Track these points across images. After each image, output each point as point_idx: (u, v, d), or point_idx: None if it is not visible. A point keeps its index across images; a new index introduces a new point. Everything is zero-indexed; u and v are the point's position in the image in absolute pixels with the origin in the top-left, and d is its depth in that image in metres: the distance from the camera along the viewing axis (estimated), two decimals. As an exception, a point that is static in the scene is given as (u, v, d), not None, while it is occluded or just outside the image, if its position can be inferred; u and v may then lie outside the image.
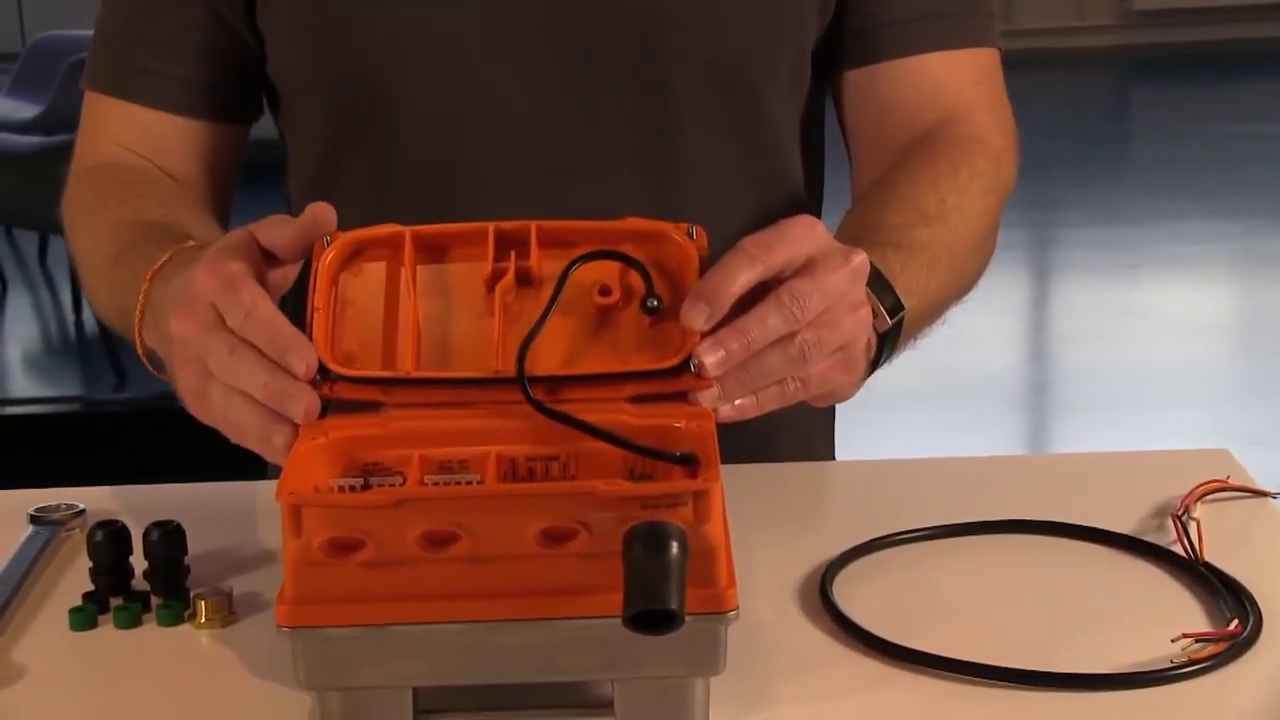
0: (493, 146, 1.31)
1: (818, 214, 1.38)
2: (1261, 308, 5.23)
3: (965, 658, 0.99)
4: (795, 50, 1.34)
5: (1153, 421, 4.21)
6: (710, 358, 0.98)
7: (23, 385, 5.12)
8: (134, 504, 1.23)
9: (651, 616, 0.85)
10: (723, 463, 0.93)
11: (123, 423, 3.88)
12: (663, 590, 0.86)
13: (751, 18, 1.31)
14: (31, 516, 1.22)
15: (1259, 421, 4.24)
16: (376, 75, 1.31)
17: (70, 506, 1.23)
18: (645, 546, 0.87)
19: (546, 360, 1.00)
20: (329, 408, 0.99)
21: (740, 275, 0.99)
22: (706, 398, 0.99)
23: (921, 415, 4.05)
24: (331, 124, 1.35)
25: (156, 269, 1.15)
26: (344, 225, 1.04)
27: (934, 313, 1.23)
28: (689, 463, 0.95)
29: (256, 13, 1.33)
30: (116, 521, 1.11)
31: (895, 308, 1.13)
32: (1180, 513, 1.15)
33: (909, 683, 0.99)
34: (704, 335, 0.98)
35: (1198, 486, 1.18)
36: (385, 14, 1.29)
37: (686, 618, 0.86)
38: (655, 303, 1.01)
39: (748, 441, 1.15)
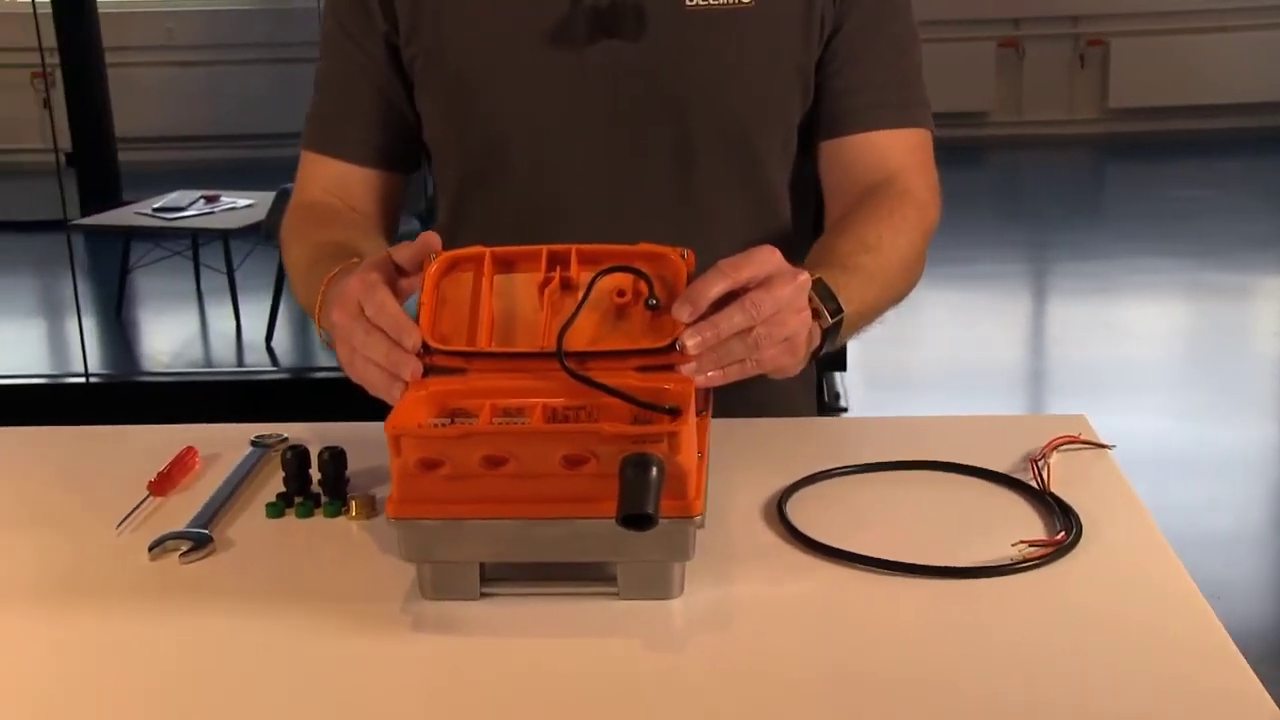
0: (569, 193, 1.32)
1: (808, 245, 1.39)
2: (1199, 319, 5.13)
3: (879, 556, 1.00)
4: (785, 128, 1.34)
5: (1116, 399, 4.14)
6: (691, 341, 0.99)
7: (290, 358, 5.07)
8: (315, 434, 1.26)
9: (635, 519, 0.87)
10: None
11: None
12: (643, 500, 0.87)
13: (755, 106, 1.32)
14: (252, 441, 1.26)
15: (1199, 402, 4.15)
16: (495, 147, 1.33)
17: (278, 435, 1.27)
18: (634, 469, 0.88)
19: (578, 341, 1.01)
20: (430, 371, 1.01)
21: (716, 285, 1.00)
22: (687, 369, 1.00)
23: (944, 397, 4.02)
24: (464, 175, 1.37)
25: (330, 277, 1.18)
26: (469, 241, 1.07)
27: (870, 316, 1.23)
28: (675, 413, 0.95)
29: (416, 99, 1.37)
30: (301, 445, 1.15)
31: (837, 311, 1.13)
32: (1038, 458, 1.14)
33: (838, 572, 0.99)
34: (688, 326, 0.99)
35: (1053, 440, 1.17)
36: (502, 109, 1.31)
37: (662, 520, 0.88)
38: (655, 302, 1.02)
39: (749, 402, 1.17)
